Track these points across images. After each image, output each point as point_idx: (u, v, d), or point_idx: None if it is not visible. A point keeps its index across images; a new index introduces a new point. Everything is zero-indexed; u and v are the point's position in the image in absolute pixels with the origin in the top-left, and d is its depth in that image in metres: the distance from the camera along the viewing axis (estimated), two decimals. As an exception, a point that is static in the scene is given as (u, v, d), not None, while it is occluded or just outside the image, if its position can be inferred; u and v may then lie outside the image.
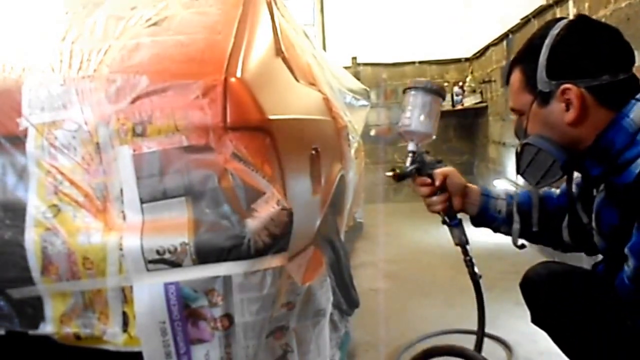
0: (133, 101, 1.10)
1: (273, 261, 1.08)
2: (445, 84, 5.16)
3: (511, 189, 1.24)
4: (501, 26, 4.04)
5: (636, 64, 2.07)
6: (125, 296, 1.08)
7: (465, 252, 1.25)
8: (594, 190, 1.00)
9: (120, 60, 1.18)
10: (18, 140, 1.11)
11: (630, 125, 0.86)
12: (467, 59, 5.27)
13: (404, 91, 1.24)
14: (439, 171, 1.19)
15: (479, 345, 1.35)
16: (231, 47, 1.20)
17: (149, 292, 1.06)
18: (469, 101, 4.99)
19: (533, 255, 3.20)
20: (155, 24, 1.30)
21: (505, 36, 3.98)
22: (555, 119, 0.93)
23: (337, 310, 1.83)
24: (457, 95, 5.09)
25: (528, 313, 1.24)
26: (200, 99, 1.08)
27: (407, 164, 1.21)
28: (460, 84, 5.11)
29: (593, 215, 1.00)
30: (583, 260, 2.50)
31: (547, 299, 1.13)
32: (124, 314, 1.10)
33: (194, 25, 1.29)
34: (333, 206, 1.78)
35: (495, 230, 1.25)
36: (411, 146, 1.21)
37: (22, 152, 1.11)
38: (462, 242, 1.25)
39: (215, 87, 1.09)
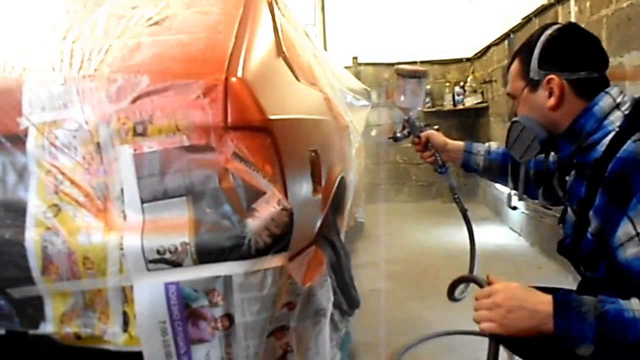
0: (134, 101, 1.10)
1: (274, 261, 1.08)
2: (447, 84, 5.16)
3: (494, 146, 1.50)
4: (503, 26, 4.04)
5: (637, 63, 2.07)
6: (126, 296, 1.08)
7: (453, 192, 1.59)
8: (569, 172, 1.15)
9: (121, 60, 1.17)
10: (18, 140, 1.11)
11: (599, 112, 1.03)
12: (468, 59, 5.27)
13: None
14: (422, 134, 1.56)
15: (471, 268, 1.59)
16: (232, 47, 1.20)
17: (150, 291, 1.06)
18: (470, 101, 4.99)
19: (534, 257, 3.20)
20: (156, 23, 1.30)
21: (506, 36, 3.97)
22: (539, 103, 1.09)
23: (338, 311, 1.83)
24: (458, 95, 5.08)
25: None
26: (201, 98, 1.08)
27: (402, 129, 1.59)
28: (462, 84, 5.11)
29: (566, 192, 1.15)
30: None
31: None
32: (125, 314, 1.09)
33: (195, 25, 1.29)
34: (334, 206, 1.78)
35: (479, 176, 1.55)
36: (405, 116, 1.58)
37: (22, 152, 1.10)
38: (451, 184, 1.58)
39: (216, 86, 1.09)
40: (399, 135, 1.59)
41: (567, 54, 1.07)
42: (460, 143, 1.54)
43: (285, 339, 1.23)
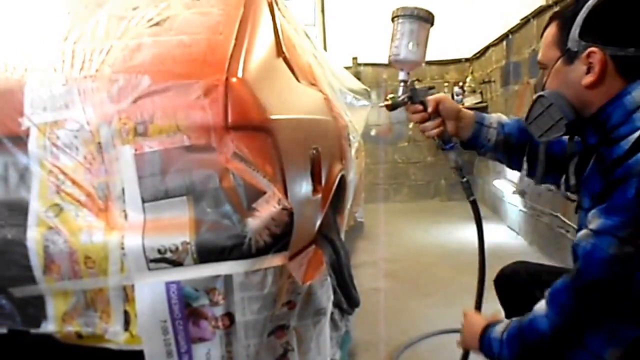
0: (135, 101, 1.10)
1: (274, 260, 1.09)
2: (445, 84, 5.17)
3: (504, 118, 1.28)
4: (501, 26, 4.05)
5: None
6: (127, 295, 1.09)
7: (461, 175, 1.29)
8: (590, 160, 1.03)
9: (122, 60, 1.18)
10: (20, 140, 1.11)
11: (630, 103, 0.90)
12: (467, 59, 5.27)
13: (392, 19, 1.24)
14: (431, 98, 1.24)
15: (481, 271, 1.33)
16: (232, 48, 1.21)
17: (151, 291, 1.06)
18: (469, 101, 4.99)
19: (533, 255, 3.21)
20: (157, 24, 1.31)
21: (505, 36, 3.98)
22: (573, 79, 0.95)
23: (338, 310, 1.84)
24: (457, 95, 5.09)
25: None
26: (202, 98, 1.09)
27: (399, 93, 1.24)
28: (461, 84, 5.12)
29: (582, 179, 1.04)
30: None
31: (521, 296, 1.17)
32: (126, 313, 1.10)
33: (196, 26, 1.30)
34: (333, 206, 1.78)
35: (480, 154, 1.31)
36: (402, 75, 1.24)
37: (24, 152, 1.11)
38: (458, 165, 1.28)
39: (216, 87, 1.10)
40: (399, 100, 1.24)
41: (617, 25, 0.92)
42: (471, 112, 1.28)
43: (286, 337, 1.24)
